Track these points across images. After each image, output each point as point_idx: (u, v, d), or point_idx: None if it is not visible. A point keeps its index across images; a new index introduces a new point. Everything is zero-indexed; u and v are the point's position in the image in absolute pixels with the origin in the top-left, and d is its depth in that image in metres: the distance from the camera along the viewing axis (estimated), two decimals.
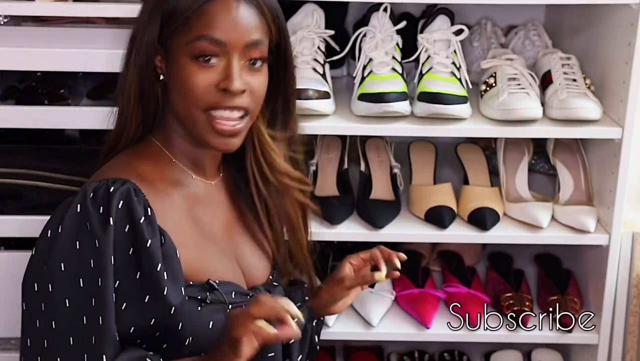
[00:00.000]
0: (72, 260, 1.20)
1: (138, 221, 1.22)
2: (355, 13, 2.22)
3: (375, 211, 1.88)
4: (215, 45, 1.24)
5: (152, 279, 1.22)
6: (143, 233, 1.22)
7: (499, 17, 2.25)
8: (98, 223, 1.20)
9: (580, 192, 1.98)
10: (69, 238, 1.21)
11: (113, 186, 1.23)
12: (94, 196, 1.22)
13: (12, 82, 1.86)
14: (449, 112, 1.78)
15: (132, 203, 1.22)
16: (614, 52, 1.84)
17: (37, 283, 1.22)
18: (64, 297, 1.20)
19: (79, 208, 1.22)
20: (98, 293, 1.19)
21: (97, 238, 1.19)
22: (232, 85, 1.25)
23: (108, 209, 1.21)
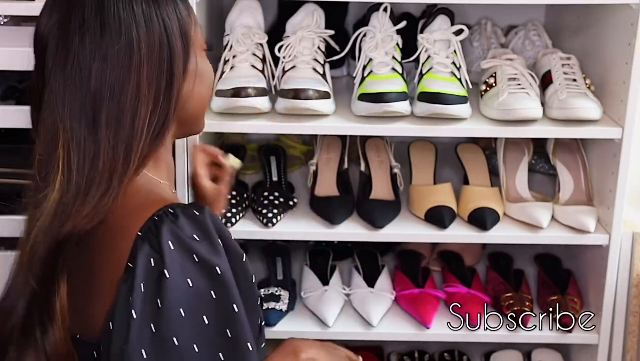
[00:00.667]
0: (190, 301, 1.09)
1: (229, 238, 1.16)
2: (355, 13, 2.22)
3: (375, 211, 1.88)
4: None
5: (248, 294, 1.17)
6: (237, 249, 1.17)
7: (499, 17, 2.25)
8: (207, 250, 1.11)
9: (580, 192, 1.98)
10: (178, 280, 1.09)
11: (194, 210, 1.13)
12: (179, 227, 1.11)
13: (12, 82, 1.86)
14: (449, 112, 1.78)
15: (219, 222, 1.16)
16: (614, 52, 1.84)
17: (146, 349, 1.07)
18: (190, 344, 1.09)
19: (173, 245, 1.09)
20: (232, 321, 1.11)
21: (214, 265, 1.10)
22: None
23: (208, 235, 1.12)
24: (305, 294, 1.99)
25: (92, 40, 1.11)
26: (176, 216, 1.11)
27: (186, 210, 1.13)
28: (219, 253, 1.12)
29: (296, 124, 1.79)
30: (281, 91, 1.81)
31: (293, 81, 1.80)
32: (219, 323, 1.10)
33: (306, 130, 1.82)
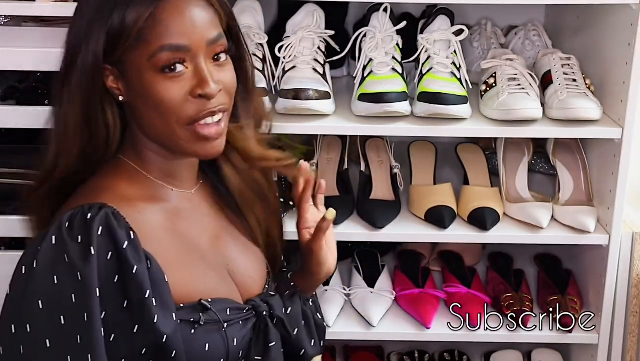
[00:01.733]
0: (50, 296, 1.12)
1: (121, 246, 1.14)
2: (355, 13, 2.22)
3: (375, 211, 1.88)
4: (179, 52, 1.16)
5: (140, 307, 1.15)
6: (128, 259, 1.14)
7: (499, 17, 2.25)
8: (77, 253, 1.12)
9: (580, 192, 1.98)
10: (45, 273, 1.12)
11: (90, 212, 1.14)
12: (69, 225, 1.14)
13: (12, 82, 1.86)
14: (449, 112, 1.78)
15: (113, 227, 1.14)
16: (614, 52, 1.84)
17: (14, 324, 1.13)
18: (43, 337, 1.11)
19: (54, 240, 1.13)
20: (83, 329, 1.11)
21: (78, 269, 1.11)
22: (207, 88, 1.17)
23: (88, 237, 1.12)
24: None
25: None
26: (78, 213, 1.14)
27: (87, 211, 1.15)
28: (88, 259, 1.12)
29: (296, 124, 1.79)
30: (281, 91, 1.81)
31: (293, 81, 1.80)
32: (73, 327, 1.11)
33: (306, 130, 1.82)
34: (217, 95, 1.19)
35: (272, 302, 1.34)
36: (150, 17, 1.15)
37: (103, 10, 1.16)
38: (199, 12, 1.18)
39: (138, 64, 1.16)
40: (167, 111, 1.17)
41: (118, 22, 1.15)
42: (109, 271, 1.14)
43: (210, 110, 1.19)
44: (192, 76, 1.17)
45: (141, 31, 1.15)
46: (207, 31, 1.19)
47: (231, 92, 1.24)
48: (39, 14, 1.74)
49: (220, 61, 1.21)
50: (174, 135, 1.20)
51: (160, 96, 1.16)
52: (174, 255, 1.23)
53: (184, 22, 1.16)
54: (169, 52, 1.15)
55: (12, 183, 1.81)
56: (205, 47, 1.18)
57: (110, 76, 1.19)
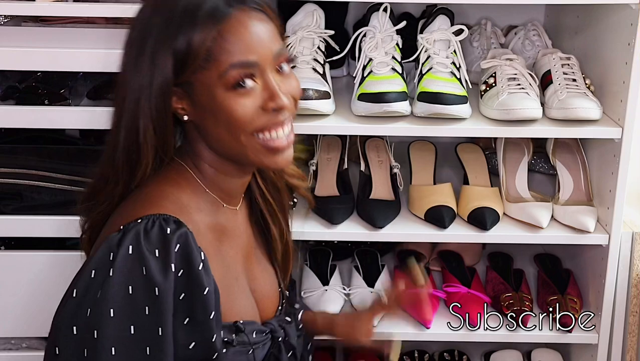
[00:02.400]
0: (124, 306, 1.13)
1: (197, 268, 1.16)
2: (355, 13, 2.22)
3: (375, 211, 1.88)
4: (248, 68, 1.17)
5: (203, 326, 1.17)
6: (201, 281, 1.16)
7: (499, 17, 2.26)
8: (157, 269, 1.13)
9: (580, 192, 1.98)
10: (121, 283, 1.13)
11: (169, 227, 1.15)
12: (147, 237, 1.14)
13: (12, 82, 1.86)
14: (448, 112, 1.78)
15: (191, 248, 1.16)
16: (614, 52, 1.84)
17: (77, 327, 1.14)
18: (111, 345, 1.12)
19: (132, 250, 1.14)
20: (155, 343, 1.13)
21: (157, 285, 1.13)
22: (279, 101, 1.19)
23: (167, 254, 1.14)
24: (305, 294, 1.99)
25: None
26: (153, 225, 1.15)
27: (164, 224, 1.15)
28: (167, 274, 1.13)
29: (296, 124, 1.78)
30: None
31: None
32: (143, 339, 1.13)
33: (306, 130, 1.82)
34: (287, 107, 1.21)
35: (289, 330, 1.38)
36: (217, 36, 1.16)
37: (168, 33, 1.16)
38: (262, 26, 1.20)
39: (208, 83, 1.17)
40: (238, 126, 1.19)
41: (185, 45, 1.16)
42: (179, 288, 1.15)
43: (281, 121, 1.21)
44: (262, 90, 1.19)
45: (209, 51, 1.16)
46: (272, 45, 1.20)
47: (297, 100, 1.26)
48: (39, 14, 1.74)
49: (284, 71, 1.23)
50: (244, 148, 1.21)
51: (233, 112, 1.18)
52: (220, 276, 1.24)
53: (251, 39, 1.18)
54: (239, 69, 1.17)
55: (12, 183, 1.81)
56: (272, 60, 1.20)
57: (173, 97, 1.20)
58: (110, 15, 1.71)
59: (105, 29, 1.78)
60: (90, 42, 1.73)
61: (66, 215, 1.77)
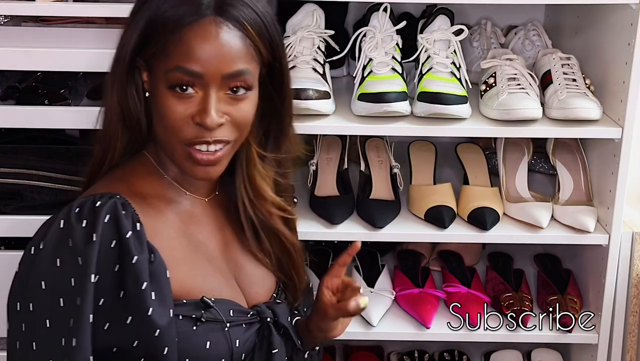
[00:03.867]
0: (53, 278, 1.15)
1: (125, 235, 1.16)
2: (355, 13, 2.22)
3: (375, 211, 1.88)
4: (191, 76, 1.18)
5: (136, 298, 1.16)
6: (130, 249, 1.16)
7: (499, 17, 2.26)
8: (81, 238, 1.15)
9: (580, 192, 1.98)
10: (50, 255, 1.16)
11: (100, 201, 1.18)
12: (79, 211, 1.17)
13: (12, 82, 1.86)
14: (449, 112, 1.78)
15: (120, 216, 1.17)
16: (614, 52, 1.84)
17: (20, 302, 1.17)
18: (44, 317, 1.15)
19: (62, 224, 1.17)
20: (76, 313, 1.13)
21: (80, 254, 1.14)
22: (207, 119, 1.18)
23: (93, 223, 1.15)
24: None
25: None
26: (89, 200, 1.19)
27: (98, 198, 1.18)
28: (91, 244, 1.14)
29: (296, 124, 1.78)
30: None
31: (293, 81, 1.79)
32: (68, 310, 1.14)
33: (306, 130, 1.82)
34: (217, 127, 1.20)
35: (278, 310, 1.35)
36: (179, 34, 1.17)
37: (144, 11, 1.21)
38: (226, 43, 1.19)
39: (158, 73, 1.21)
40: (167, 125, 1.21)
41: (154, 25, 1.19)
42: (111, 260, 1.16)
43: (206, 140, 1.21)
44: (199, 101, 1.19)
45: (166, 45, 1.18)
46: (227, 65, 1.19)
47: (242, 127, 1.24)
48: (39, 14, 1.74)
49: (238, 95, 1.22)
50: (173, 150, 1.23)
51: (165, 110, 1.20)
52: (181, 253, 1.25)
53: (205, 51, 1.18)
54: (182, 73, 1.18)
55: (12, 183, 1.80)
56: (220, 80, 1.19)
57: (145, 72, 1.24)
58: (110, 15, 1.70)
59: (105, 29, 1.78)
60: (90, 42, 1.73)
61: None
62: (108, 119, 1.27)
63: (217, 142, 1.22)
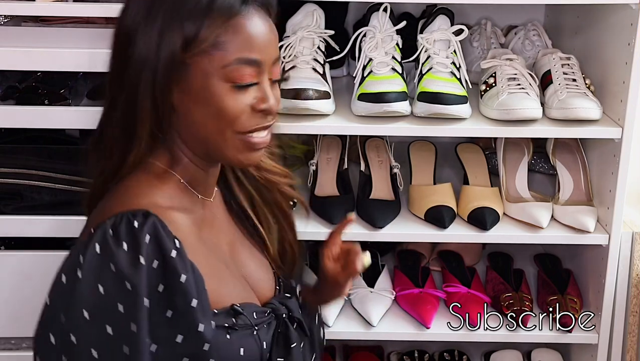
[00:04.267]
0: (97, 307, 1.10)
1: (169, 255, 1.12)
2: (355, 13, 2.22)
3: (375, 211, 1.88)
4: (252, 66, 1.17)
5: (186, 316, 1.14)
6: (176, 268, 1.12)
7: (499, 17, 2.26)
8: (127, 262, 1.10)
9: (580, 192, 1.98)
10: (91, 283, 1.10)
11: (136, 220, 1.13)
12: (115, 233, 1.12)
13: (12, 82, 1.86)
14: (449, 112, 1.78)
15: (161, 236, 1.13)
16: (614, 52, 1.84)
17: (55, 335, 1.12)
18: (89, 348, 1.10)
19: (99, 249, 1.11)
20: (132, 340, 1.10)
21: (126, 278, 1.10)
22: (272, 105, 1.19)
23: (136, 246, 1.11)
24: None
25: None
26: (121, 220, 1.13)
27: (131, 218, 1.13)
28: (137, 268, 1.10)
29: (296, 124, 1.79)
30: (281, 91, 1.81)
31: (293, 81, 1.80)
32: (120, 337, 1.10)
33: (306, 130, 1.82)
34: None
35: (290, 305, 1.36)
36: (230, 27, 1.15)
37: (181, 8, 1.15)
38: (271, 30, 1.21)
39: (207, 70, 1.16)
40: (226, 120, 1.18)
41: (195, 27, 1.14)
42: (155, 280, 1.12)
43: (266, 125, 1.21)
44: (256, 90, 1.19)
45: (218, 38, 1.15)
46: (275, 50, 1.21)
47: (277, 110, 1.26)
48: (39, 14, 1.74)
49: (273, 80, 1.23)
50: (224, 143, 1.20)
51: (224, 105, 1.17)
52: (205, 263, 1.22)
53: (262, 38, 1.18)
54: (244, 65, 1.16)
55: (12, 183, 1.81)
56: (271, 64, 1.20)
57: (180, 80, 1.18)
58: (110, 15, 1.70)
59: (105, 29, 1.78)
60: (91, 42, 1.73)
61: (66, 215, 1.77)
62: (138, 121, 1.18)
63: (271, 125, 1.23)
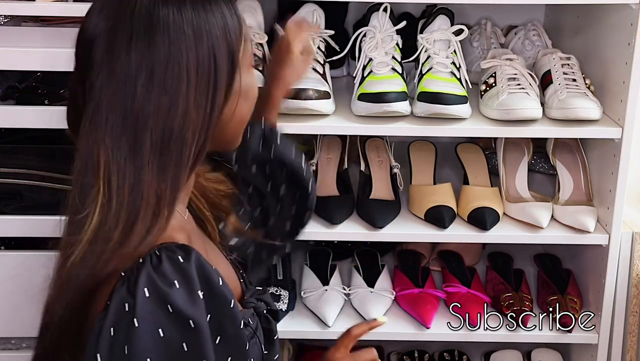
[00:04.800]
0: (160, 352, 1.03)
1: (217, 284, 1.08)
2: (355, 13, 2.22)
3: (375, 211, 1.88)
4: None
5: (235, 339, 1.11)
6: (225, 295, 1.09)
7: (499, 17, 2.26)
8: (184, 299, 1.03)
9: (580, 192, 1.98)
10: (148, 329, 1.02)
11: (178, 255, 1.06)
12: (159, 272, 1.04)
13: (12, 82, 1.86)
14: (449, 112, 1.78)
15: (207, 267, 1.08)
16: (614, 52, 1.84)
17: None
18: None
19: (148, 292, 1.02)
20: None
21: (190, 317, 1.03)
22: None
23: (188, 281, 1.05)
24: (305, 294, 1.99)
25: (139, 54, 1.01)
26: (160, 260, 1.05)
27: (172, 254, 1.06)
28: (196, 303, 1.05)
29: (296, 124, 1.79)
30: None
31: None
32: None
33: (306, 130, 1.82)
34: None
35: (266, 299, 1.35)
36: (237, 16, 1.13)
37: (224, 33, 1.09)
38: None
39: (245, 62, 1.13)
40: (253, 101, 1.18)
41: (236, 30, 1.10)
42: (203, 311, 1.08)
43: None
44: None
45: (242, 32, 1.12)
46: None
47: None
48: (39, 14, 1.74)
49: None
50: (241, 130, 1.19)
51: (254, 88, 1.17)
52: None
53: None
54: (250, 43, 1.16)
55: (12, 183, 1.81)
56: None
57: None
58: None
59: None
60: None
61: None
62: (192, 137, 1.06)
63: None
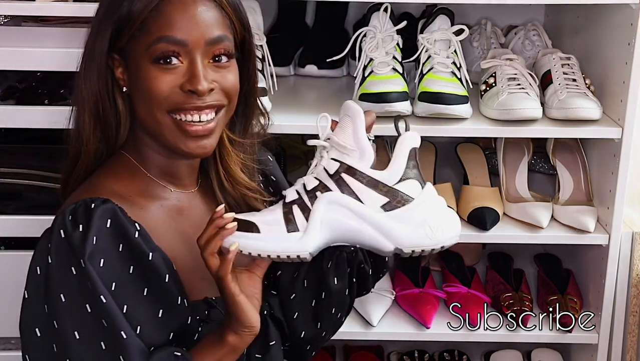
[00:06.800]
0: (70, 288, 1.12)
1: (133, 236, 1.16)
2: (355, 13, 2.22)
3: None
4: (175, 45, 1.17)
5: (162, 291, 1.16)
6: (142, 247, 1.16)
7: (499, 17, 2.26)
8: (79, 241, 1.12)
9: (580, 192, 1.98)
10: (60, 267, 1.13)
11: (93, 203, 1.16)
12: (72, 217, 1.15)
13: (12, 82, 1.86)
14: (449, 112, 1.78)
15: (120, 220, 1.16)
16: (614, 52, 1.84)
17: (39, 327, 1.14)
18: (72, 330, 1.12)
19: (63, 233, 1.14)
20: (106, 312, 1.12)
21: (81, 257, 1.12)
22: (198, 84, 1.17)
23: (88, 224, 1.14)
24: None
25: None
26: (80, 205, 1.16)
27: (90, 202, 1.16)
28: (88, 245, 1.12)
29: (296, 124, 1.79)
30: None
31: None
32: (96, 313, 1.12)
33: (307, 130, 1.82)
34: (208, 94, 1.19)
35: (272, 303, 1.34)
36: (155, 8, 1.18)
37: (115, 2, 1.20)
38: (205, 11, 1.20)
39: (137, 54, 1.19)
40: (152, 98, 1.19)
41: (126, 12, 1.18)
42: (122, 263, 1.15)
43: (197, 106, 1.19)
44: (185, 71, 1.19)
45: (145, 22, 1.18)
46: (208, 31, 1.19)
47: (230, 93, 1.23)
48: (39, 14, 1.74)
49: (222, 63, 1.22)
50: (158, 124, 1.20)
51: (150, 85, 1.18)
52: (176, 252, 1.22)
53: (186, 18, 1.18)
54: (166, 43, 1.17)
55: (12, 183, 1.80)
56: (204, 46, 1.19)
57: (119, 67, 1.22)
58: None
59: None
60: None
61: None
62: (82, 115, 1.24)
63: (210, 107, 1.20)
